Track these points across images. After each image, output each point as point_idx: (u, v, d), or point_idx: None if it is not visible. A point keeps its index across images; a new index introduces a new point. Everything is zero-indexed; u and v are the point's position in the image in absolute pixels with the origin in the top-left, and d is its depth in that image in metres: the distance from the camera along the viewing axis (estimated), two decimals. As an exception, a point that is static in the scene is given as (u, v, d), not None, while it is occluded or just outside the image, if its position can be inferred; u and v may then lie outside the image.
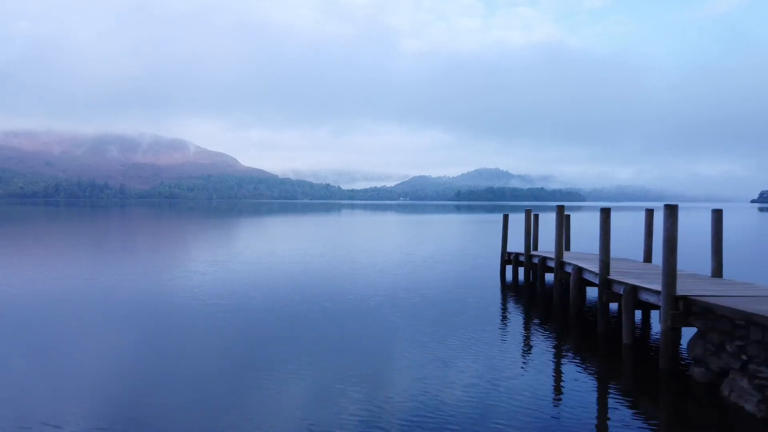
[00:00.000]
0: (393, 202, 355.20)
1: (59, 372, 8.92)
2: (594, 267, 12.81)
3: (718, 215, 12.03)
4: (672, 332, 9.16)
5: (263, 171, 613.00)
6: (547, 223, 27.11)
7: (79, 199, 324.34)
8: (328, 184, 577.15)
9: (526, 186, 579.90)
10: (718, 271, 11.87)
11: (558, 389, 8.41)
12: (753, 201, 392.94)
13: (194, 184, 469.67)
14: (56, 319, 12.47)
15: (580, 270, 13.47)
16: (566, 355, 10.41)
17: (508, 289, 17.63)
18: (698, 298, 8.78)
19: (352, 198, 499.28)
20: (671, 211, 9.34)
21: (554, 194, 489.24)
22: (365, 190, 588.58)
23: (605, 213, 11.86)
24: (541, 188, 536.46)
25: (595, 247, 18.01)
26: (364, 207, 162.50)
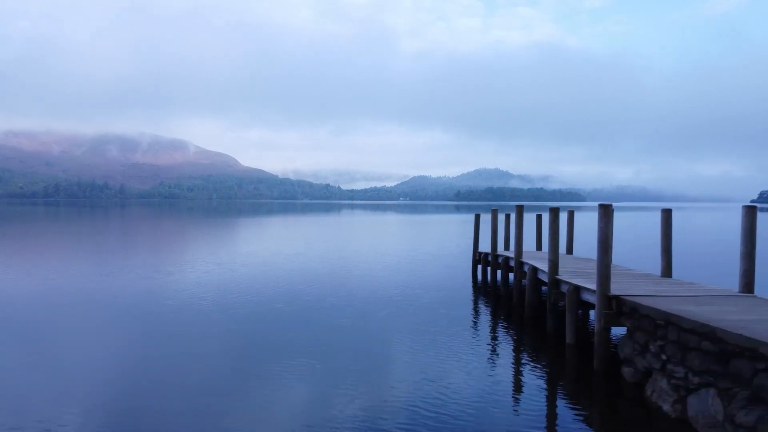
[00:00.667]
0: (393, 202, 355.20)
1: (56, 373, 8.87)
2: (544, 267, 12.82)
3: (667, 215, 12.03)
4: (606, 332, 9.13)
5: (263, 171, 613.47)
6: (531, 223, 26.99)
7: (79, 199, 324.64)
8: (328, 184, 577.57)
9: (526, 186, 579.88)
10: (667, 270, 11.85)
11: (499, 390, 8.32)
12: (753, 201, 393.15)
13: (194, 184, 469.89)
14: (53, 320, 12.40)
15: (535, 270, 13.46)
16: (514, 355, 10.38)
17: (474, 289, 17.62)
18: (628, 298, 8.77)
19: (352, 198, 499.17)
20: (605, 211, 9.33)
21: (554, 194, 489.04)
22: (365, 190, 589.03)
23: (554, 213, 11.83)
24: (541, 188, 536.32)
25: (575, 247, 18.10)
26: (363, 207, 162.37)
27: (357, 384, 8.45)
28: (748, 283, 9.37)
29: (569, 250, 18.05)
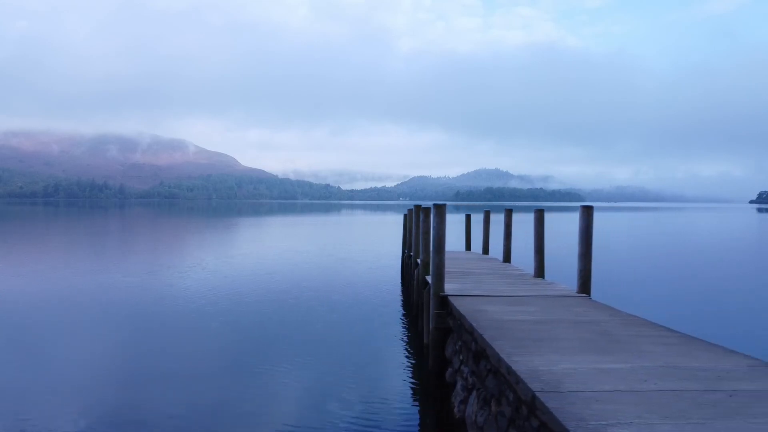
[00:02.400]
0: (392, 202, 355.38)
1: (53, 372, 8.91)
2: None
3: (539, 215, 11.98)
4: (437, 332, 9.06)
5: (263, 171, 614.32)
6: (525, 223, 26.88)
7: (79, 198, 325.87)
8: (328, 185, 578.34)
9: (526, 186, 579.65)
10: (539, 270, 11.78)
11: (341, 390, 8.29)
12: (752, 201, 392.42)
13: (194, 184, 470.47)
14: (50, 320, 12.50)
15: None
16: (376, 356, 10.33)
17: (390, 290, 17.56)
18: (451, 298, 8.73)
19: (351, 198, 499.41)
20: (438, 210, 9.28)
21: (553, 195, 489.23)
22: (365, 191, 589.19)
23: (425, 212, 11.76)
24: (541, 188, 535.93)
25: (526, 247, 17.85)
26: (362, 207, 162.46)
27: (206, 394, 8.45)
28: (584, 284, 9.31)
29: (485, 250, 17.99)
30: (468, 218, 20.84)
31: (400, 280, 19.28)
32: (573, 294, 9.29)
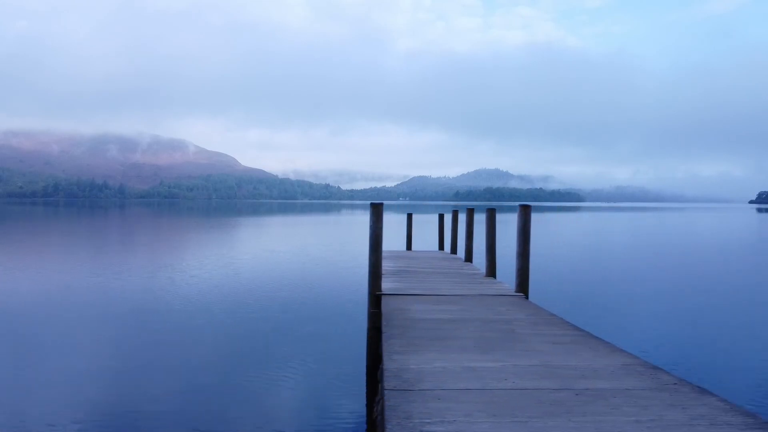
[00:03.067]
0: (393, 202, 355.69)
1: (51, 371, 8.89)
2: (388, 266, 12.83)
3: (491, 214, 11.98)
4: (373, 331, 9.08)
5: (263, 171, 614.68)
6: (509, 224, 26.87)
7: (79, 198, 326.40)
8: (328, 185, 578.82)
9: (526, 186, 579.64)
10: (491, 270, 11.79)
11: (280, 390, 8.23)
12: (751, 201, 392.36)
13: (194, 184, 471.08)
14: (48, 318, 12.50)
15: (379, 269, 13.41)
16: (326, 355, 10.28)
17: (359, 289, 17.56)
18: (384, 297, 8.73)
19: (351, 198, 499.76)
20: (375, 209, 9.30)
21: (553, 195, 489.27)
22: (365, 191, 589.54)
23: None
24: (540, 189, 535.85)
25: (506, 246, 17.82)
26: (359, 207, 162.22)
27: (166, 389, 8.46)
28: (521, 283, 9.31)
29: (453, 249, 18.03)
30: (441, 217, 20.95)
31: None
32: (510, 294, 9.29)
